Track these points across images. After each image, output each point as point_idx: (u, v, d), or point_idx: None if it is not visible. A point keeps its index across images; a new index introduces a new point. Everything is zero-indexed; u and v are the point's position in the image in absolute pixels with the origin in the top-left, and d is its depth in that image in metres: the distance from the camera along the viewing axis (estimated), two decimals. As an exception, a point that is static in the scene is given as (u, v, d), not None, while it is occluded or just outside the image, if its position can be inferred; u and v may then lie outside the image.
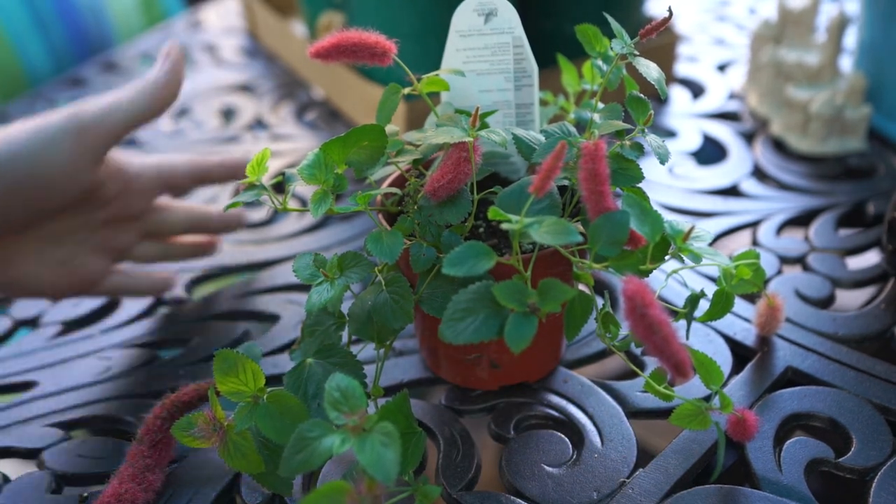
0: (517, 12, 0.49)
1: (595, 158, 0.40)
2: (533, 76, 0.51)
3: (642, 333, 0.36)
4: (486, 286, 0.40)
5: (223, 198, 0.77)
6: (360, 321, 0.45)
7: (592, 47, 0.49)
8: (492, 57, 0.50)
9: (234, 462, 0.43)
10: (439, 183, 0.44)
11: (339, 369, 0.43)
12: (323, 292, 0.43)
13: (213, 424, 0.43)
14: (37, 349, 0.60)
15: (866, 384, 0.50)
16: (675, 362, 0.36)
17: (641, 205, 0.42)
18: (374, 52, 0.46)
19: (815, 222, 0.67)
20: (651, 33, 0.47)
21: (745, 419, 0.44)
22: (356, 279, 0.44)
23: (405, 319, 0.43)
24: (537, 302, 0.40)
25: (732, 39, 1.04)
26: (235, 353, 0.42)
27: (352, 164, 0.46)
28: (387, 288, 0.44)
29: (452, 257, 0.40)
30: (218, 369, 0.42)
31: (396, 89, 0.48)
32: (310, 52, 0.46)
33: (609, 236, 0.40)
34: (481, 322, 0.40)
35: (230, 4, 1.26)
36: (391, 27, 0.76)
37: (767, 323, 0.53)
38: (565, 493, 0.44)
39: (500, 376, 0.50)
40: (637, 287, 0.36)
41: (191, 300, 0.64)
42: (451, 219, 0.44)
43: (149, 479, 0.44)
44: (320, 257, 0.45)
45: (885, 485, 0.44)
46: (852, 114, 0.76)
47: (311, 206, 0.44)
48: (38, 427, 0.52)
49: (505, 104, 0.51)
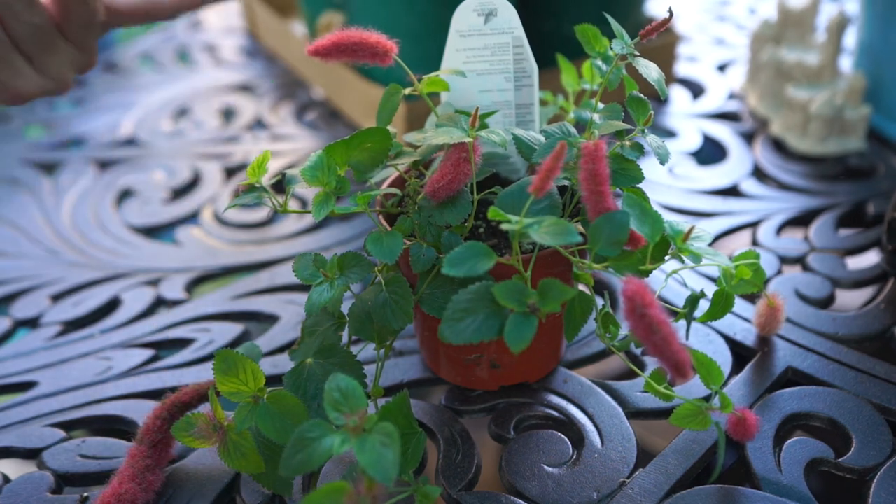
0: (517, 12, 0.49)
1: (595, 159, 0.40)
2: (533, 76, 0.51)
3: (642, 334, 0.36)
4: (485, 286, 0.40)
5: (223, 197, 0.77)
6: (360, 321, 0.45)
7: (592, 47, 0.49)
8: (492, 57, 0.50)
9: (233, 462, 0.43)
10: (439, 184, 0.44)
11: (339, 369, 0.43)
12: (323, 292, 0.43)
13: (213, 424, 0.43)
14: (37, 349, 0.60)
15: (866, 384, 0.50)
16: (674, 363, 0.36)
17: (641, 205, 0.42)
18: (375, 51, 0.46)
19: (815, 222, 0.67)
20: (651, 34, 0.47)
21: (746, 419, 0.44)
22: (356, 279, 0.44)
23: (405, 320, 0.43)
24: (537, 302, 0.39)
25: (732, 39, 1.04)
26: (235, 353, 0.42)
27: (353, 166, 0.46)
28: (387, 288, 0.44)
29: (452, 257, 0.40)
30: (218, 369, 0.42)
31: (397, 90, 0.48)
32: (308, 50, 0.46)
33: (609, 237, 0.40)
34: (481, 322, 0.40)
35: (230, 4, 1.26)
36: (391, 27, 0.76)
37: (767, 323, 0.53)
38: (565, 493, 0.44)
39: (500, 376, 0.50)
40: (637, 287, 0.36)
41: (191, 300, 0.64)
42: (451, 219, 0.44)
43: (148, 480, 0.44)
44: (320, 258, 0.45)
45: (884, 485, 0.44)
46: (852, 114, 0.76)
47: (313, 209, 0.44)
48: (38, 427, 0.52)
49: (505, 104, 0.51)
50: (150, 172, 0.83)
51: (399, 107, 0.48)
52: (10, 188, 0.82)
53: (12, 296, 0.66)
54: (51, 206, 0.78)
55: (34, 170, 0.85)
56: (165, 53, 1.13)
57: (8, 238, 0.74)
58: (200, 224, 0.75)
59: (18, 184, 0.83)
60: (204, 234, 0.73)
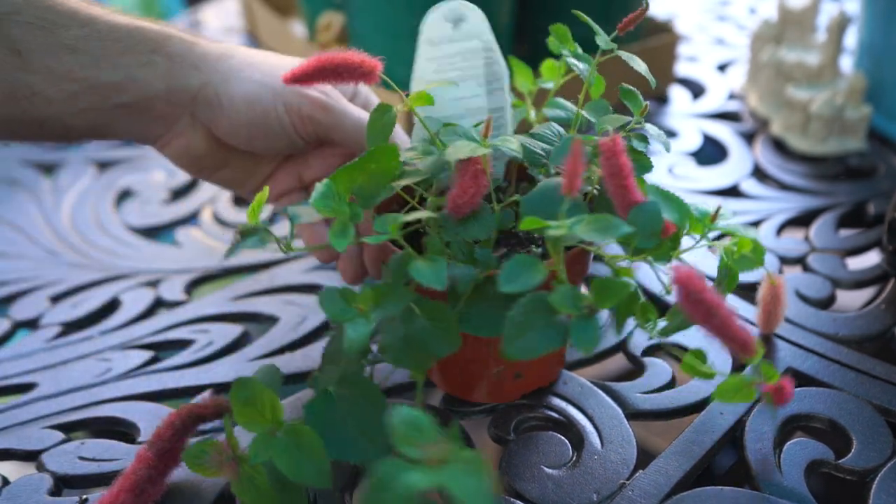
0: (514, 14, 0.49)
1: (615, 153, 0.40)
2: (504, 80, 0.50)
3: (701, 318, 0.36)
4: (538, 297, 0.39)
5: (223, 198, 0.77)
6: (398, 351, 0.42)
7: (564, 45, 0.49)
8: (463, 63, 0.50)
9: (246, 496, 0.41)
10: (461, 199, 0.43)
11: (362, 401, 0.42)
12: (359, 328, 0.40)
13: (227, 455, 0.41)
14: (36, 351, 0.60)
15: (866, 385, 0.50)
16: (740, 342, 0.37)
17: (664, 193, 0.43)
18: (360, 71, 0.44)
19: (816, 223, 0.67)
20: (630, 26, 0.47)
21: (784, 386, 0.42)
22: (394, 311, 0.41)
23: (454, 345, 0.41)
24: (595, 303, 0.39)
25: (732, 39, 1.03)
26: (255, 380, 0.40)
27: (357, 193, 0.43)
28: (424, 314, 0.41)
29: (506, 274, 0.39)
30: (235, 398, 0.40)
31: (387, 108, 0.46)
32: (285, 78, 0.44)
33: (647, 228, 0.40)
34: (542, 333, 0.39)
35: (230, 4, 1.26)
36: (391, 27, 0.76)
37: (770, 304, 0.52)
38: (565, 494, 0.44)
39: (523, 385, 0.50)
40: (688, 273, 0.36)
41: (190, 301, 0.64)
42: (477, 234, 0.43)
43: (148, 492, 0.43)
44: (348, 291, 0.42)
45: (885, 486, 0.44)
46: (852, 114, 0.76)
47: (331, 240, 0.41)
48: (37, 429, 0.52)
49: (478, 110, 0.51)
50: (150, 173, 0.83)
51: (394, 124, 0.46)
52: (9, 188, 0.82)
53: (12, 297, 0.66)
54: (50, 207, 0.78)
55: (33, 170, 0.85)
56: (165, 53, 1.12)
57: (7, 239, 0.74)
58: (200, 225, 0.74)
59: (18, 184, 0.83)
60: (203, 235, 0.73)
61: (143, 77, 0.49)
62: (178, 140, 0.52)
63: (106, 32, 0.48)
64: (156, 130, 0.52)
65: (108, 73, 0.48)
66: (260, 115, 0.50)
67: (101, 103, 0.48)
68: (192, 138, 0.52)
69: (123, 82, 0.48)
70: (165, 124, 0.51)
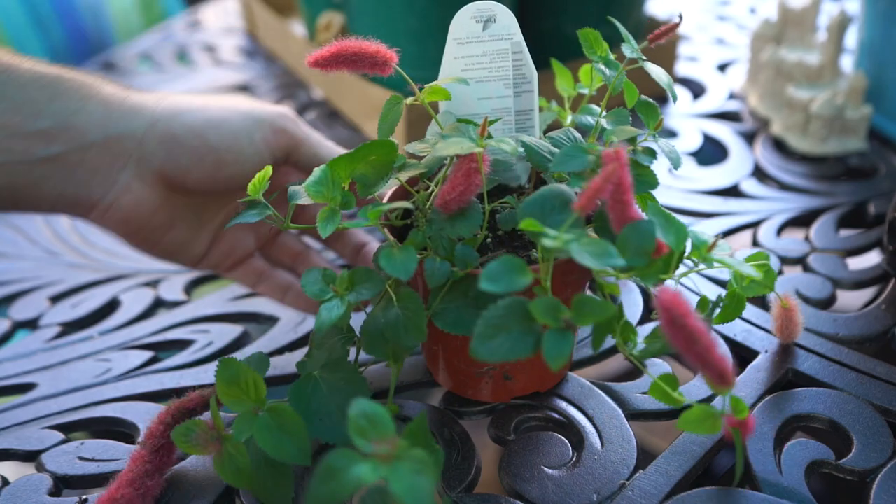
0: (516, 14, 0.49)
1: (617, 167, 0.39)
2: (532, 82, 0.50)
3: (682, 344, 0.36)
4: (519, 302, 0.38)
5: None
6: (374, 339, 0.43)
7: (594, 51, 0.49)
8: (490, 64, 0.50)
9: (226, 475, 0.42)
10: (450, 196, 0.43)
11: (344, 385, 0.42)
12: (332, 309, 0.42)
13: (212, 433, 0.42)
14: (36, 351, 0.59)
15: (867, 385, 0.50)
16: (717, 371, 0.36)
17: (664, 213, 0.42)
18: (374, 61, 0.45)
19: (816, 223, 0.67)
20: (661, 38, 0.47)
21: (747, 423, 0.43)
22: (367, 296, 0.42)
23: (419, 336, 0.42)
24: (573, 318, 0.38)
25: (733, 39, 1.03)
26: (238, 361, 0.41)
27: (358, 180, 0.44)
28: (398, 304, 0.42)
29: (489, 273, 0.38)
30: (220, 377, 0.41)
31: (398, 100, 0.46)
32: (308, 61, 0.45)
33: (637, 246, 0.39)
34: (515, 339, 0.38)
35: (229, 4, 1.26)
36: (390, 27, 0.76)
37: (785, 327, 0.52)
38: (565, 495, 0.44)
39: (512, 388, 0.50)
40: (672, 297, 0.35)
41: (190, 301, 0.64)
42: (462, 231, 0.43)
43: (147, 485, 0.44)
44: (329, 273, 0.44)
45: (885, 487, 0.44)
46: (853, 114, 0.76)
47: (318, 225, 0.43)
48: (37, 429, 0.52)
49: (504, 111, 0.51)
50: (150, 173, 0.83)
51: (401, 116, 0.47)
52: (9, 189, 0.82)
53: (11, 297, 0.66)
54: (50, 207, 0.78)
55: (33, 170, 0.85)
56: (164, 53, 1.12)
57: (7, 239, 0.74)
58: (200, 225, 0.74)
59: (18, 184, 0.82)
60: (203, 235, 0.73)
61: (77, 124, 0.44)
62: (125, 198, 0.47)
63: (28, 79, 0.43)
64: (93, 189, 0.46)
65: (33, 121, 0.42)
66: (228, 137, 0.48)
67: (23, 156, 0.42)
68: (141, 192, 0.48)
69: (52, 131, 0.43)
70: (104, 180, 0.46)
